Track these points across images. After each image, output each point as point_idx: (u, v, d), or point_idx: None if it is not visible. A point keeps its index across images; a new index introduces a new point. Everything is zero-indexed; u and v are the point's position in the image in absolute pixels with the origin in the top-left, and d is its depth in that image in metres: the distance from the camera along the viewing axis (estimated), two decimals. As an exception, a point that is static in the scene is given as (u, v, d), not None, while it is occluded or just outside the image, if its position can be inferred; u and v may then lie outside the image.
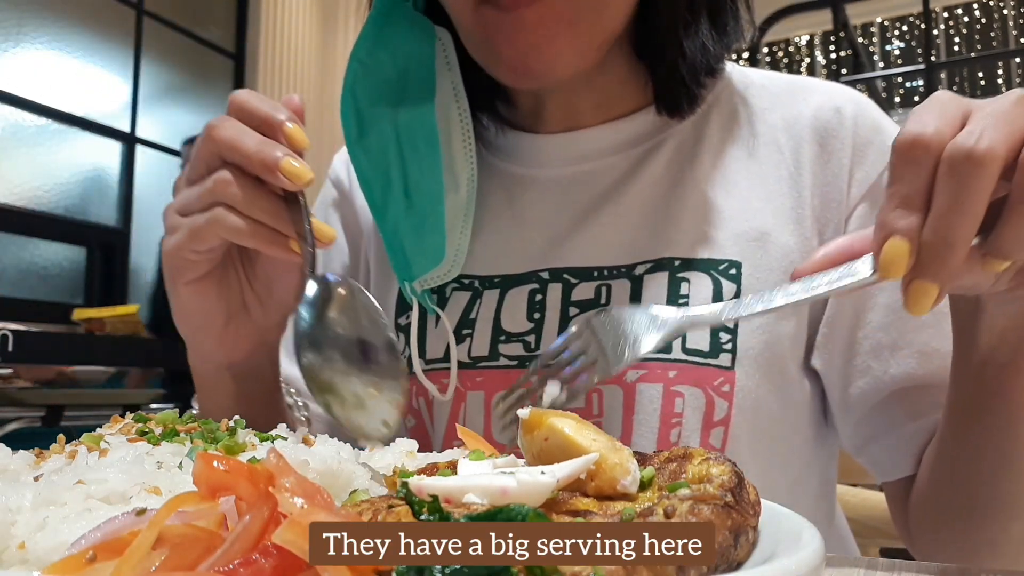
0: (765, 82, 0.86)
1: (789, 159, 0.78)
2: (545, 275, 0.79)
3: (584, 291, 0.77)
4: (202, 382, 0.77)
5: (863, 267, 0.48)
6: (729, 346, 0.72)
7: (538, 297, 0.78)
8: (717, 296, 0.73)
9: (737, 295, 0.73)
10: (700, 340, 0.72)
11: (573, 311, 0.77)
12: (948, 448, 0.66)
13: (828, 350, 0.75)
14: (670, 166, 0.80)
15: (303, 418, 0.86)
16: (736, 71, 0.87)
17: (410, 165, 0.80)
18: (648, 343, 0.56)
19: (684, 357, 0.72)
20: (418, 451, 0.54)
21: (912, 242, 0.45)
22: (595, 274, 0.77)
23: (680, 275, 0.74)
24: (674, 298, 0.74)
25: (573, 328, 0.60)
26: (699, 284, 0.74)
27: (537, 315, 0.78)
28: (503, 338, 0.79)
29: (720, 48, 0.79)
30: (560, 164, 0.84)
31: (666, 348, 0.72)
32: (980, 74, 7.78)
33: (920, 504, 0.71)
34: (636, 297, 0.75)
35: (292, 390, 0.87)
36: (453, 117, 0.81)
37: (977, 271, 0.48)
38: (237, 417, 0.55)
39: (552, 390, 0.58)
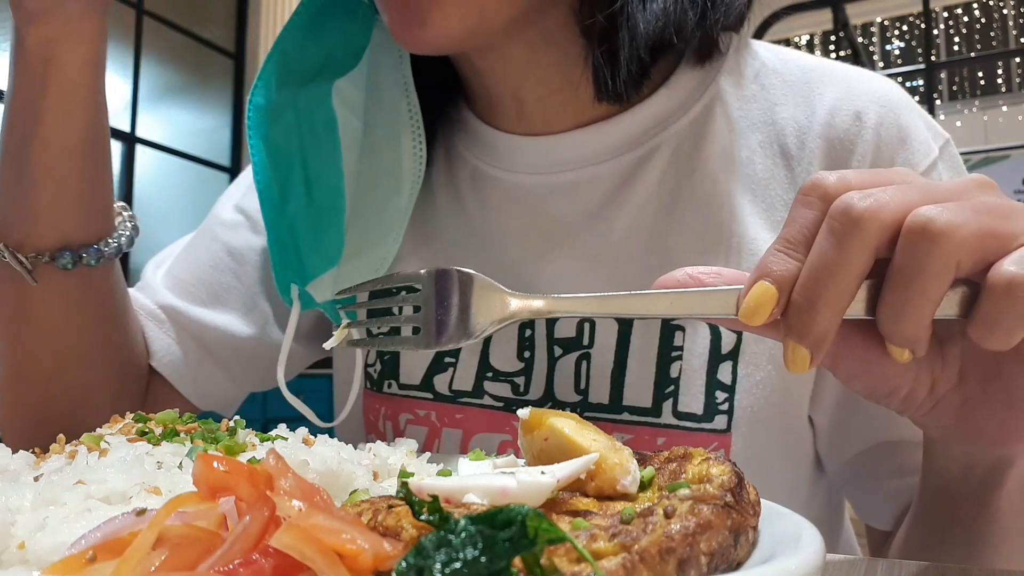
0: (779, 67, 0.73)
1: (799, 176, 0.68)
2: None
3: (566, 327, 0.69)
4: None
5: (729, 300, 0.42)
6: (726, 407, 0.65)
7: (527, 332, 0.71)
8: (715, 330, 0.66)
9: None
10: (693, 402, 0.65)
11: (558, 351, 0.69)
12: (912, 552, 0.60)
13: (821, 390, 0.69)
14: (664, 180, 0.70)
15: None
16: (748, 52, 0.74)
17: (310, 153, 0.73)
18: (478, 329, 0.48)
19: (675, 422, 0.66)
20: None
21: (781, 291, 0.40)
22: None
23: None
24: (668, 333, 0.67)
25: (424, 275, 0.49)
26: (695, 321, 0.66)
27: (527, 353, 0.71)
28: (490, 375, 0.71)
29: (691, 18, 0.64)
30: (537, 171, 0.73)
31: (655, 411, 0.66)
32: (980, 74, 7.78)
33: None
34: (626, 331, 0.68)
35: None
36: (403, 114, 0.73)
37: (879, 359, 0.41)
38: (237, 417, 0.55)
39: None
